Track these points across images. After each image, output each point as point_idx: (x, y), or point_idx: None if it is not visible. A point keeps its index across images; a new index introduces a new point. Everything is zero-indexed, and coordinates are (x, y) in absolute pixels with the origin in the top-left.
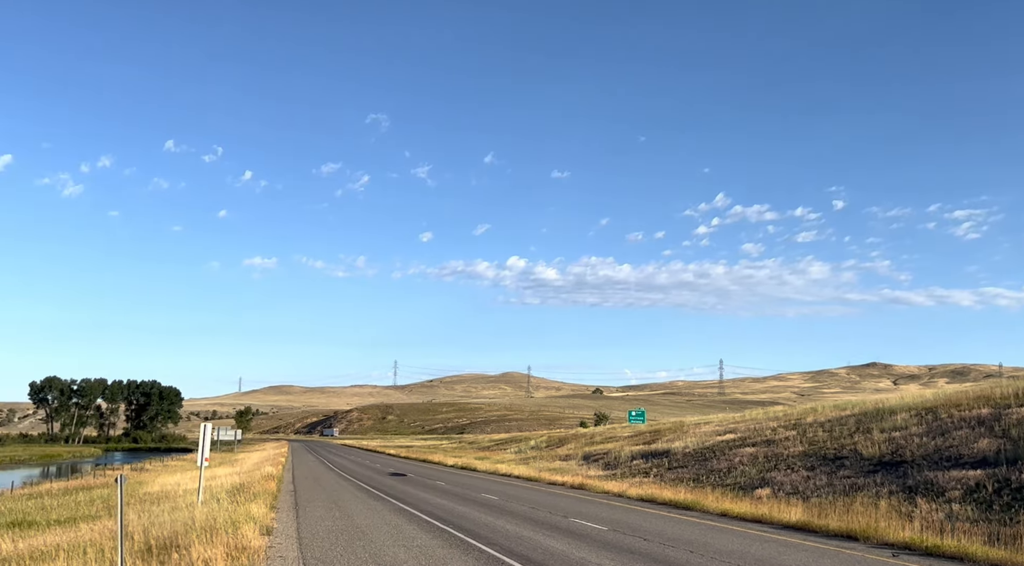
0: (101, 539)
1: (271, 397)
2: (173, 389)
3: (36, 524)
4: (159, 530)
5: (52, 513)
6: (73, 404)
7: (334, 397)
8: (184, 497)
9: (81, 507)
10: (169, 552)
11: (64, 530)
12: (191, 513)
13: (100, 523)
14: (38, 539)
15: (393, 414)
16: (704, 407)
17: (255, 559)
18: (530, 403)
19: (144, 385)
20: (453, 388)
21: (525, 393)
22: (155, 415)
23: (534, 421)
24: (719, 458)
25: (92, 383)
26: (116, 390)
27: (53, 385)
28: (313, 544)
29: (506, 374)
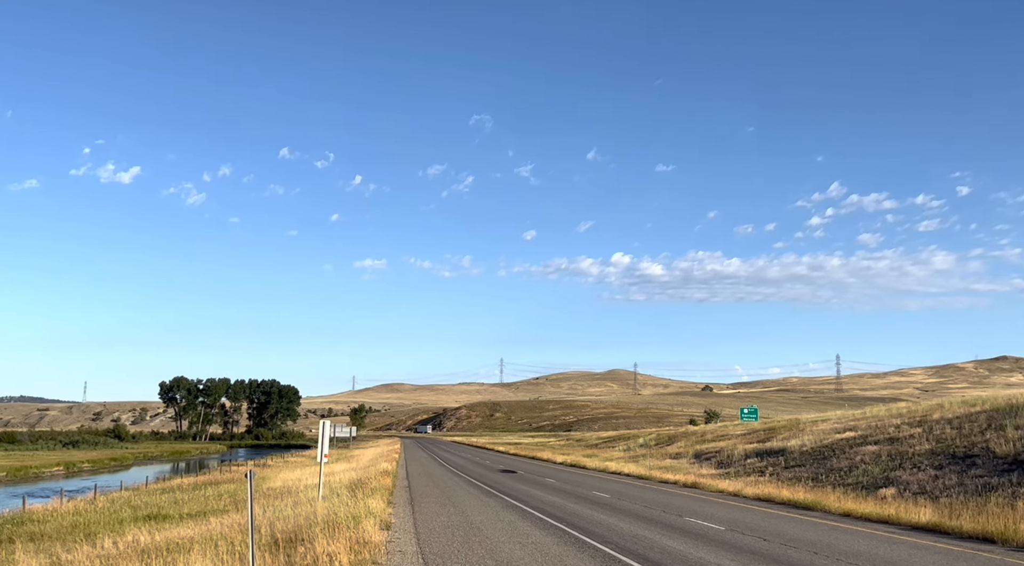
0: (230, 533)
1: (383, 395)
2: (291, 388)
3: (170, 517)
4: (284, 524)
5: (184, 507)
6: (199, 403)
7: (443, 394)
8: (305, 492)
9: (210, 501)
10: (295, 546)
11: (196, 523)
12: (313, 508)
13: (228, 517)
14: (172, 532)
15: (500, 411)
16: (820, 404)
17: (376, 554)
18: (637, 400)
19: (264, 384)
20: (559, 385)
21: (632, 390)
22: (275, 413)
23: (642, 419)
24: (839, 457)
25: (216, 383)
26: (239, 389)
27: (181, 385)
28: (431, 539)
29: (612, 371)
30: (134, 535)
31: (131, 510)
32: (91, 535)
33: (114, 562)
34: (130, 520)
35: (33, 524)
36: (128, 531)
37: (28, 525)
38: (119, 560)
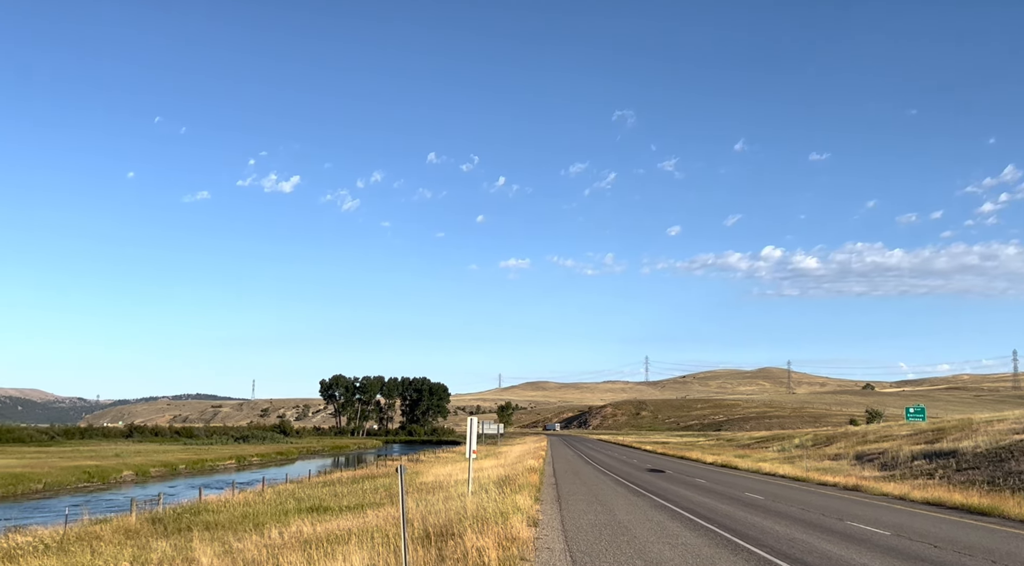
0: (385, 525)
1: (528, 392)
2: (441, 385)
3: (330, 509)
4: (435, 518)
5: (343, 500)
6: (356, 400)
7: (588, 393)
8: (455, 487)
9: (367, 495)
10: (445, 539)
11: (353, 516)
12: (463, 503)
13: (384, 510)
14: (332, 523)
15: (646, 410)
16: (995, 403)
17: (524, 550)
18: (791, 399)
19: (415, 382)
20: (707, 384)
21: (786, 389)
22: (426, 410)
23: (796, 419)
24: (1018, 459)
25: (371, 380)
26: (392, 387)
27: (339, 383)
28: (578, 537)
29: (764, 369)
30: (298, 526)
31: (295, 502)
32: (259, 525)
33: (279, 551)
34: (294, 511)
35: (208, 514)
36: (292, 522)
37: (204, 514)
38: (284, 550)
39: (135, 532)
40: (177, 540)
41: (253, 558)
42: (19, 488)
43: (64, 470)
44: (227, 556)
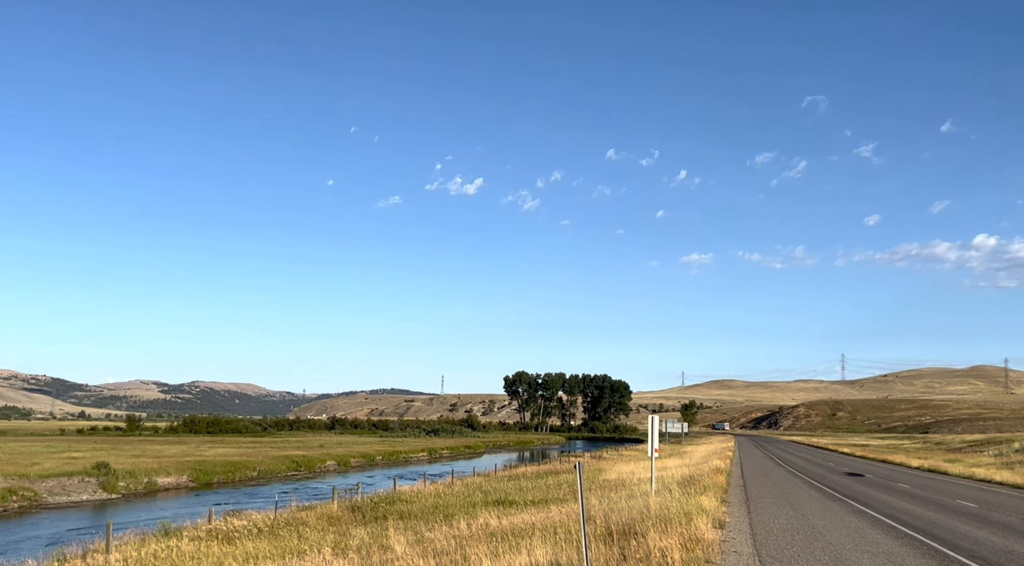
0: (568, 521)
1: (713, 391)
2: (622, 383)
3: (515, 503)
4: (617, 516)
5: (527, 494)
6: (539, 396)
7: (777, 392)
8: (638, 486)
9: (550, 490)
10: (628, 538)
11: (537, 510)
12: (645, 502)
13: (567, 506)
14: (517, 517)
15: (843, 411)
16: None
17: (710, 552)
18: (1010, 400)
19: (596, 379)
20: (911, 383)
21: (1003, 389)
22: (608, 407)
23: (1017, 420)
24: None
25: (553, 377)
26: (573, 383)
27: (522, 379)
28: (767, 541)
29: (976, 368)
30: (484, 518)
31: (482, 495)
32: (449, 517)
33: (466, 542)
34: (481, 504)
35: (402, 504)
36: (480, 514)
37: (398, 504)
38: (471, 541)
39: (336, 519)
40: (374, 528)
41: (443, 548)
42: (237, 475)
43: (275, 459)
44: (419, 545)
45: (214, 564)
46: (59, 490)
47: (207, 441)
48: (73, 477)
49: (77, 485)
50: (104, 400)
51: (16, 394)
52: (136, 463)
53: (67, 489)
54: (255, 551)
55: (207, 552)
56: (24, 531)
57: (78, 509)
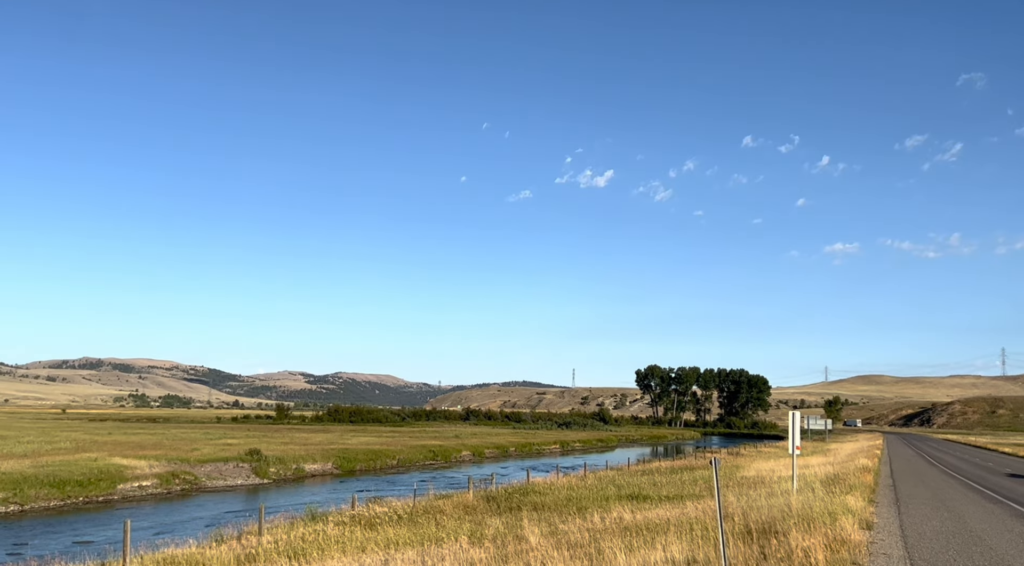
0: (704, 518)
1: (859, 386)
2: (760, 377)
3: (649, 498)
4: (757, 514)
5: (662, 489)
6: (672, 390)
7: (930, 388)
8: (778, 484)
9: (686, 486)
10: (768, 537)
11: (672, 506)
12: (786, 500)
13: (703, 502)
14: (651, 512)
15: (1004, 408)
16: None
17: (856, 554)
18: None
19: (733, 373)
20: None
21: None
22: (745, 402)
23: None
24: None
25: (687, 371)
26: (708, 378)
27: (654, 373)
28: (920, 545)
29: None
30: (618, 512)
31: (615, 488)
32: (582, 509)
33: (600, 536)
34: (614, 498)
35: (535, 495)
36: (613, 508)
37: (532, 495)
38: (604, 534)
39: (472, 508)
40: (508, 518)
41: (576, 541)
42: (378, 463)
43: (413, 448)
44: (552, 536)
45: (357, 548)
46: (216, 474)
47: (350, 430)
48: (228, 463)
49: (232, 470)
50: (256, 390)
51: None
52: (285, 450)
53: (223, 474)
54: (395, 537)
55: (351, 537)
56: (186, 512)
57: (233, 493)
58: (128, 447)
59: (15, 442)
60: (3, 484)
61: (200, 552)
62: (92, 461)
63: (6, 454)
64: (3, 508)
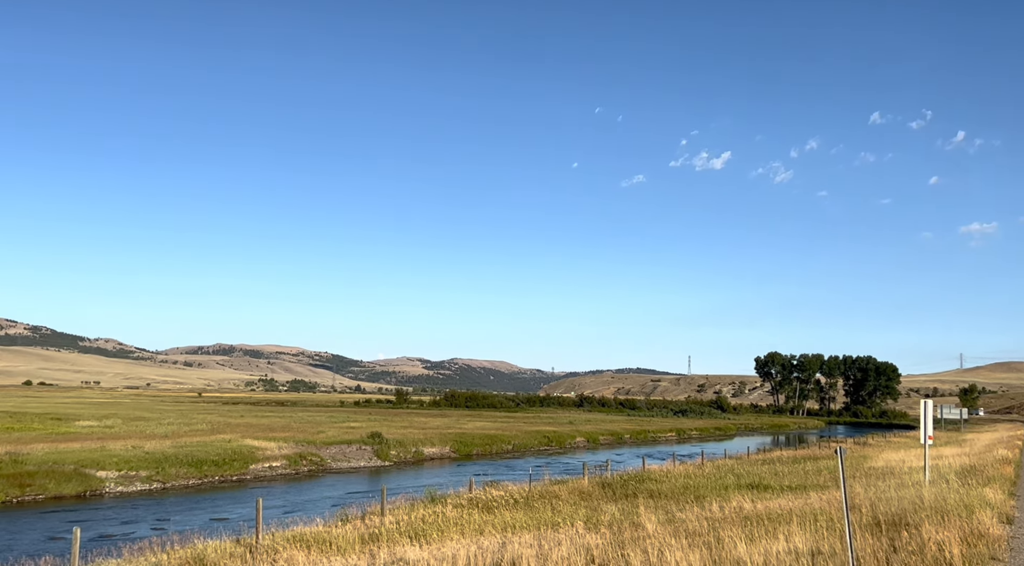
0: (829, 508)
1: (998, 374)
2: (889, 365)
3: (770, 488)
4: (886, 506)
5: (783, 479)
6: (794, 378)
7: None
8: (909, 475)
9: (809, 476)
10: (898, 529)
11: (794, 496)
12: (918, 492)
13: (827, 493)
14: (772, 502)
15: None
16: None
17: (995, 549)
18: None
19: (860, 360)
20: None
21: None
22: (872, 391)
23: None
24: None
25: (810, 358)
26: (832, 365)
27: (775, 360)
28: None
29: None
30: (737, 501)
31: (734, 478)
32: (700, 498)
33: (719, 525)
34: (733, 487)
35: (651, 482)
36: (732, 497)
37: (647, 483)
38: (724, 523)
39: (587, 494)
40: (624, 505)
41: (694, 529)
42: (494, 448)
43: (528, 434)
44: (670, 524)
45: (475, 531)
46: (340, 456)
47: (465, 415)
48: (352, 445)
49: (355, 452)
50: (376, 375)
51: (303, 369)
52: (404, 434)
53: (347, 456)
54: (512, 521)
55: (469, 519)
56: (313, 492)
57: (356, 474)
58: (259, 429)
59: (157, 424)
60: (148, 463)
61: (327, 530)
62: (226, 442)
63: (149, 435)
64: (148, 485)
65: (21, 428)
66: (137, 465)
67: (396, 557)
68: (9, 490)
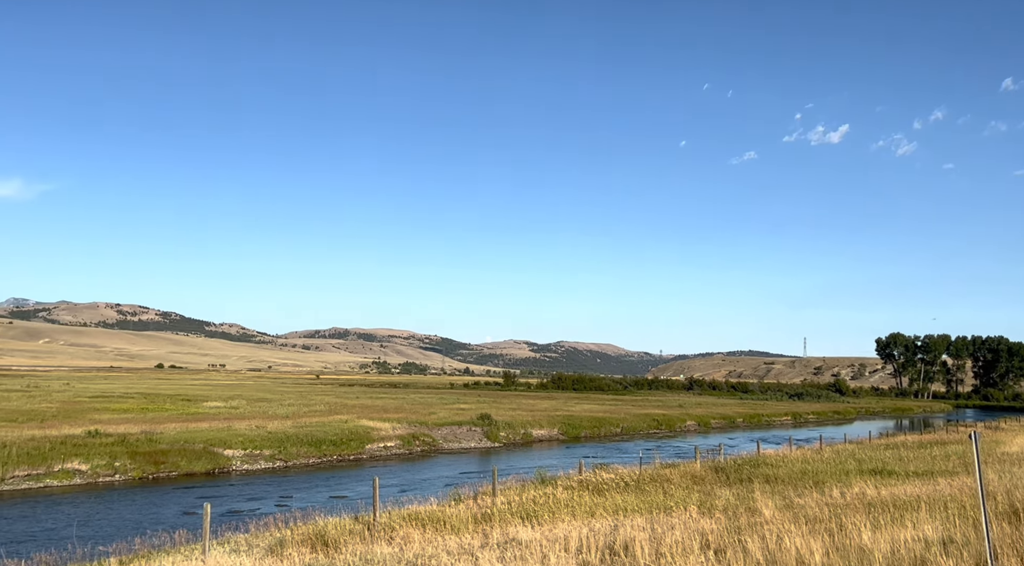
0: (960, 495)
1: None
2: (1023, 345)
3: (894, 474)
4: (1023, 493)
5: (909, 465)
6: (918, 360)
7: None
8: None
9: (937, 461)
10: None
11: (922, 482)
12: None
13: (958, 479)
14: (897, 488)
15: None
16: None
17: None
18: None
19: (990, 341)
20: None
21: None
22: (1005, 372)
23: None
24: None
25: (935, 339)
26: (960, 346)
27: (898, 341)
28: None
29: None
30: (860, 487)
31: (855, 463)
32: (819, 483)
33: (841, 511)
34: (855, 472)
35: (767, 467)
36: (854, 483)
37: (763, 468)
38: (846, 510)
39: (700, 478)
40: (739, 490)
41: (815, 515)
42: (602, 430)
43: (636, 417)
44: (788, 510)
45: (586, 513)
46: (451, 437)
47: (573, 397)
48: (462, 426)
49: (465, 433)
50: (484, 357)
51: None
52: (513, 416)
53: (457, 436)
54: (623, 504)
55: (579, 501)
56: (425, 471)
57: (467, 455)
58: (373, 410)
59: (278, 405)
60: (270, 442)
61: (440, 510)
62: (343, 423)
63: (271, 415)
64: (271, 464)
65: (155, 409)
66: (261, 444)
67: (508, 537)
68: (146, 467)
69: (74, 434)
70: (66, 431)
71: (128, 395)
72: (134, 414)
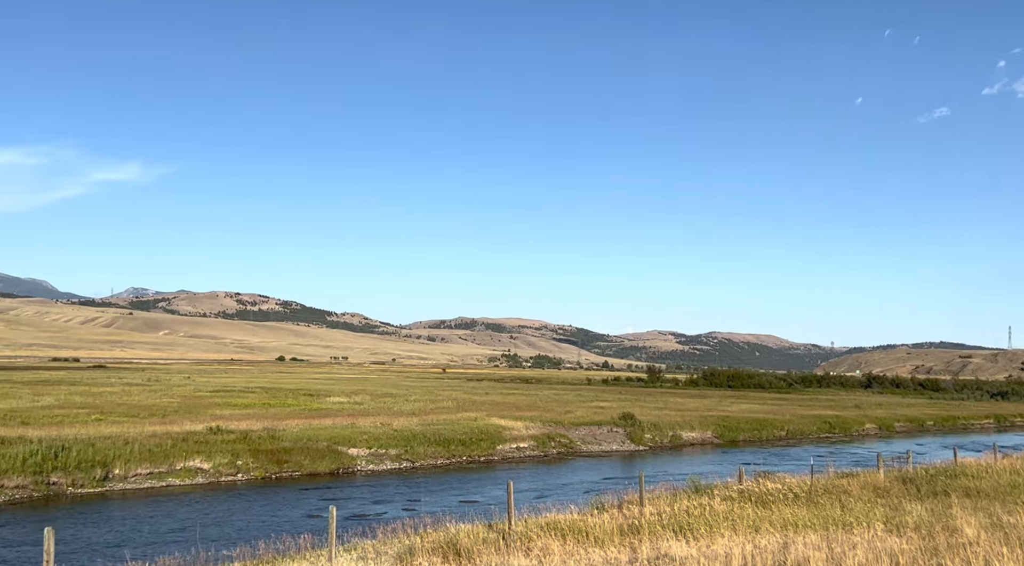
0: None
1: None
2: None
3: None
4: None
5: None
6: None
7: None
8: None
9: None
10: None
11: None
12: None
13: None
14: None
15: None
16: None
17: None
18: None
19: None
20: None
21: None
22: None
23: None
24: None
25: None
26: None
27: None
28: None
29: None
30: None
31: None
32: None
33: None
34: None
35: (967, 479)
36: None
37: (961, 479)
38: None
39: (884, 491)
40: (932, 504)
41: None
42: (763, 433)
43: (804, 418)
44: (996, 530)
45: (750, 527)
46: (590, 439)
47: (728, 396)
48: (602, 427)
49: (606, 434)
50: (624, 350)
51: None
52: (659, 416)
53: (597, 438)
54: (792, 518)
55: (740, 514)
56: (563, 476)
57: (608, 458)
58: (504, 407)
59: (403, 400)
60: (396, 441)
61: (582, 519)
62: (472, 421)
63: (396, 412)
64: (397, 464)
65: (277, 404)
66: (386, 443)
67: (660, 552)
68: (268, 466)
69: (195, 431)
70: (187, 427)
71: (249, 389)
72: (256, 410)
